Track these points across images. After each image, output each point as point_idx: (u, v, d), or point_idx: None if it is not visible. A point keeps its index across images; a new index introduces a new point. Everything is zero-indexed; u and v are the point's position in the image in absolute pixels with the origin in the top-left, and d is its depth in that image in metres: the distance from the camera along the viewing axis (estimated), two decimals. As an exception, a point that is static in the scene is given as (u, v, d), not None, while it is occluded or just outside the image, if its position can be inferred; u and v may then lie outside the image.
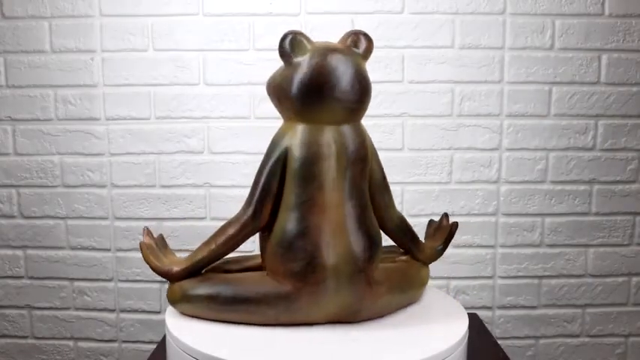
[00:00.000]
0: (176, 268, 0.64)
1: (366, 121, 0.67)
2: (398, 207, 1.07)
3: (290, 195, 0.61)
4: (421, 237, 0.75)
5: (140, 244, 0.66)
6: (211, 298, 0.62)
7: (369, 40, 0.65)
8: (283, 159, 0.62)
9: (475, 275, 1.10)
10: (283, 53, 0.62)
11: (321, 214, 0.61)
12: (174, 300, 0.65)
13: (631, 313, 1.11)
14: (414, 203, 1.07)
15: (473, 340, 0.67)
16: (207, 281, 0.64)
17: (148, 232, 0.68)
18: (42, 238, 1.10)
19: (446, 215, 0.78)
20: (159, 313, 1.11)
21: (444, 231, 0.75)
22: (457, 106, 1.06)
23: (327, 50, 0.62)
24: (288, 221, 0.61)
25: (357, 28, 1.03)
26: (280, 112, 0.66)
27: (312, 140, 0.61)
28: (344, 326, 0.63)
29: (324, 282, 0.61)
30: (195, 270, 0.65)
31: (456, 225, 0.75)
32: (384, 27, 1.04)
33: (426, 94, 1.05)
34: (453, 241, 1.08)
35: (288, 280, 0.61)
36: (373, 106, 0.74)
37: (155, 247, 0.67)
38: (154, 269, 0.65)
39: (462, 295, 1.10)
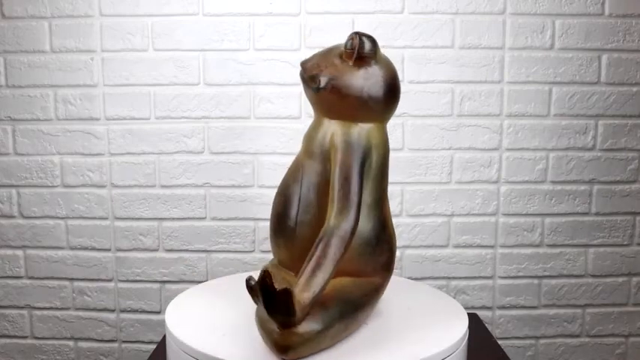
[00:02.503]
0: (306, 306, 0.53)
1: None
2: (398, 207, 1.08)
3: (368, 193, 0.61)
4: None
5: (288, 289, 0.49)
6: (340, 320, 0.57)
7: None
8: (369, 160, 0.61)
9: (475, 275, 1.10)
10: (367, 55, 0.61)
11: (387, 206, 0.65)
12: (306, 341, 0.53)
13: (631, 313, 1.11)
14: (414, 203, 1.07)
15: (473, 340, 0.67)
16: (327, 305, 0.56)
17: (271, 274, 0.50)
18: (42, 238, 1.10)
19: None
20: (159, 313, 1.11)
21: None
22: (457, 106, 1.06)
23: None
24: (369, 219, 0.62)
25: (357, 28, 1.04)
26: (344, 112, 0.62)
27: (385, 139, 0.64)
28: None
29: (394, 266, 0.66)
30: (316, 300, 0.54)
31: None
32: (384, 27, 1.04)
33: (426, 94, 1.05)
34: (453, 241, 1.09)
35: (377, 274, 0.64)
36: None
37: None
38: (298, 315, 0.52)
39: (462, 295, 1.10)
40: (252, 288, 0.52)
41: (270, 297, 0.50)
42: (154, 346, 1.09)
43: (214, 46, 1.04)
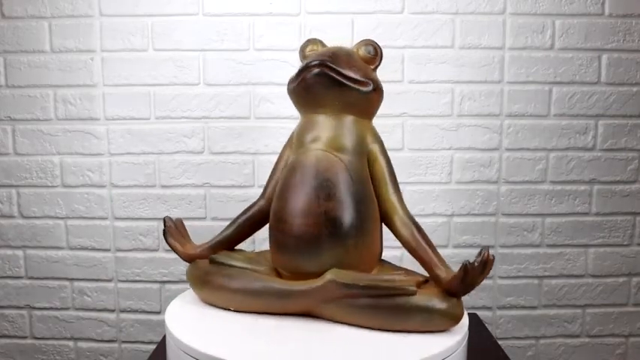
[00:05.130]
0: None
1: (366, 121, 0.67)
2: (398, 207, 1.07)
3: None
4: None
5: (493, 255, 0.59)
6: None
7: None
8: None
9: (475, 275, 1.09)
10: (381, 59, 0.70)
11: None
12: None
13: (631, 313, 1.11)
14: (414, 203, 1.07)
15: (473, 340, 0.67)
16: None
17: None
18: (42, 238, 1.10)
19: None
20: (159, 313, 1.11)
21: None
22: (457, 106, 1.06)
23: None
24: None
25: (357, 28, 1.04)
26: (372, 112, 0.70)
27: None
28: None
29: None
30: None
31: None
32: (384, 27, 1.04)
33: (426, 94, 1.05)
34: (453, 241, 1.09)
35: None
36: (373, 106, 0.75)
37: None
38: None
39: (462, 295, 1.10)
40: (469, 267, 0.58)
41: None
42: (153, 347, 1.09)
43: (214, 46, 1.05)
